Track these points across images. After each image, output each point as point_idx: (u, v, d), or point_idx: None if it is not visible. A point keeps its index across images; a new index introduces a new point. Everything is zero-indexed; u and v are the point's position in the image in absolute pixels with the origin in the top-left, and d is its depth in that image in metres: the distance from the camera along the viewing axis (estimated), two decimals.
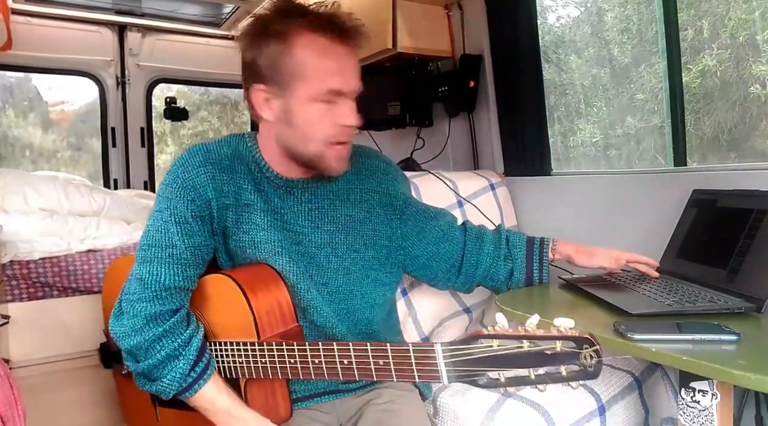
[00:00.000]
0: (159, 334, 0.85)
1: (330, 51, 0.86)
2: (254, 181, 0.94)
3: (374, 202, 1.02)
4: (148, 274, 0.87)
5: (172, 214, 0.88)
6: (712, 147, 2.00)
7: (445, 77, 2.09)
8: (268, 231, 0.94)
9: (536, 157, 1.86)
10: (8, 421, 0.89)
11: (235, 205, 0.92)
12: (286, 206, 0.95)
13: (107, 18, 2.62)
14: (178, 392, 0.86)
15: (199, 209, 0.90)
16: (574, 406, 1.11)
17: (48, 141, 3.13)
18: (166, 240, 0.88)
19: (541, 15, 2.21)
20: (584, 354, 0.62)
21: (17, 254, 1.59)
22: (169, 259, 0.87)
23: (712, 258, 1.11)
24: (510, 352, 0.64)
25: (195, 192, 0.89)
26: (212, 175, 0.90)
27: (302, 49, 0.86)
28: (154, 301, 0.86)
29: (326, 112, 0.88)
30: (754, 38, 1.85)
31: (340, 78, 0.87)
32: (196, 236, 0.89)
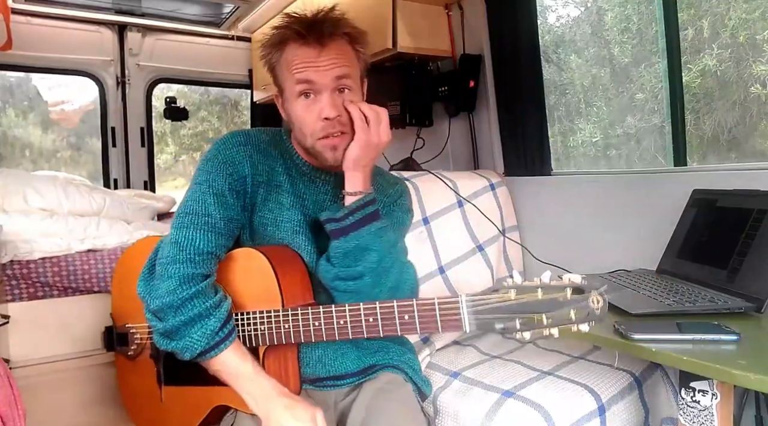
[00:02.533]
0: (192, 294, 0.90)
1: (301, 48, 0.94)
2: (285, 165, 1.03)
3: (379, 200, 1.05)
4: (184, 238, 0.93)
5: (210, 186, 0.96)
6: (712, 147, 2.00)
7: (445, 77, 2.10)
8: (291, 211, 1.01)
9: (536, 157, 1.86)
10: (8, 421, 0.89)
11: (267, 183, 1.01)
12: (309, 192, 1.04)
13: (107, 18, 2.62)
14: (204, 349, 0.89)
15: (236, 183, 0.98)
16: (574, 406, 1.11)
17: (48, 141, 3.13)
18: (203, 209, 0.95)
19: (541, 15, 2.21)
20: (592, 298, 0.70)
21: (17, 254, 1.59)
22: (204, 227, 0.94)
23: (712, 258, 1.11)
24: (525, 301, 0.72)
25: (233, 167, 0.98)
26: (250, 154, 1.00)
27: (286, 54, 0.95)
28: (188, 264, 0.91)
29: (308, 108, 0.95)
30: (754, 38, 1.85)
31: (308, 71, 0.93)
32: (230, 209, 0.97)
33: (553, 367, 1.29)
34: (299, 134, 0.98)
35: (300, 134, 0.98)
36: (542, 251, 1.78)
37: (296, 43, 0.94)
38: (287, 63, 0.95)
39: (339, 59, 0.94)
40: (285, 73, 0.96)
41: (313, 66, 0.93)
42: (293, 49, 0.94)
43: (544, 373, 1.25)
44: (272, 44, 0.97)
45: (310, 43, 0.93)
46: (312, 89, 0.94)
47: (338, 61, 0.94)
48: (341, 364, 1.04)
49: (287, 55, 0.95)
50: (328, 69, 0.93)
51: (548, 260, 1.69)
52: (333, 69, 0.93)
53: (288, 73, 0.95)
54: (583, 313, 0.71)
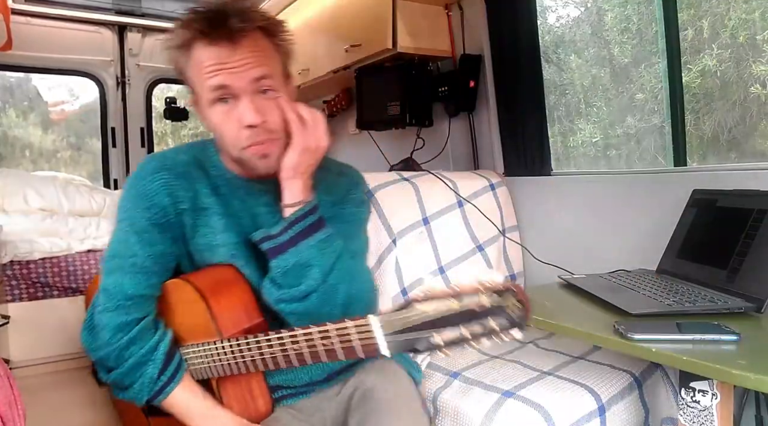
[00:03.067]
0: (125, 342, 0.87)
1: (209, 48, 0.82)
2: (212, 185, 0.93)
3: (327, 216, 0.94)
4: (112, 284, 0.88)
5: (131, 224, 0.89)
6: (712, 147, 2.00)
7: (445, 77, 2.10)
8: (224, 234, 0.93)
9: (536, 157, 1.86)
10: (8, 421, 0.89)
11: (192, 209, 0.92)
12: (246, 207, 0.94)
13: (107, 18, 2.63)
14: (150, 398, 0.87)
15: (156, 216, 0.89)
16: (574, 406, 1.11)
17: (48, 141, 3.13)
18: (128, 250, 0.89)
19: (541, 15, 2.21)
20: (509, 306, 0.62)
21: (17, 254, 1.59)
22: (131, 269, 0.88)
23: (712, 258, 1.11)
24: (443, 315, 0.64)
25: (150, 200, 0.89)
26: (167, 181, 0.90)
27: (194, 55, 0.84)
28: (119, 311, 0.87)
29: (226, 115, 0.84)
30: (754, 38, 1.85)
31: (221, 74, 0.81)
32: (156, 244, 0.90)
33: (553, 367, 1.29)
34: (222, 144, 0.88)
35: (222, 144, 0.88)
36: (542, 251, 1.78)
37: (203, 43, 0.82)
38: (197, 66, 0.83)
39: (255, 57, 0.82)
40: (196, 76, 0.84)
41: (227, 68, 0.81)
42: (200, 49, 0.82)
43: (544, 373, 1.25)
44: (177, 46, 0.84)
45: (219, 42, 0.81)
46: (228, 94, 0.83)
47: (255, 60, 0.82)
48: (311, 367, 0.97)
49: (195, 56, 0.83)
50: (244, 70, 0.81)
51: (548, 260, 1.69)
52: (249, 70, 0.82)
53: (200, 76, 0.83)
54: (506, 322, 0.63)
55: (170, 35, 0.85)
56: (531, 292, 1.17)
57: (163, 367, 0.87)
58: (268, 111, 0.84)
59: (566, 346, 1.41)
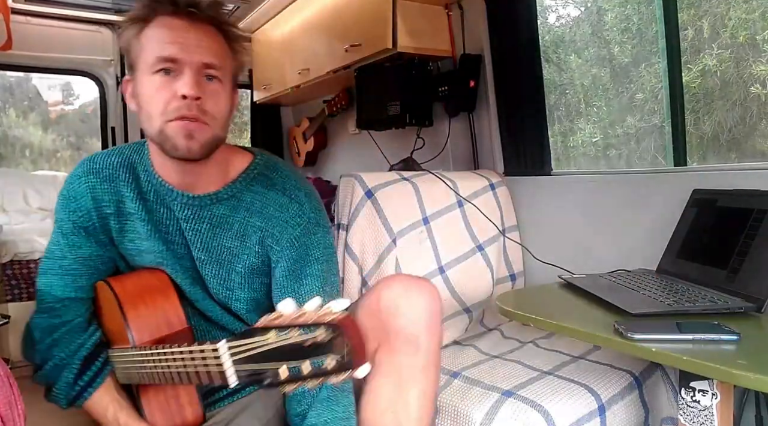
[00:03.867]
0: (49, 343, 0.88)
1: (169, 23, 0.81)
2: (139, 190, 0.91)
3: (255, 239, 0.91)
4: (43, 285, 0.90)
5: (60, 227, 0.91)
6: (712, 147, 2.00)
7: (445, 77, 2.09)
8: (150, 241, 0.91)
9: (536, 157, 1.87)
10: (8, 421, 0.89)
11: (117, 213, 0.91)
12: (169, 218, 0.91)
13: (107, 18, 2.63)
14: (69, 402, 0.89)
15: (81, 220, 0.90)
16: (574, 406, 1.11)
17: (48, 141, 3.13)
18: (58, 252, 0.90)
19: (541, 15, 2.21)
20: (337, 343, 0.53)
21: (17, 254, 1.59)
22: (59, 271, 0.90)
23: (712, 258, 1.11)
24: (279, 345, 0.54)
25: (75, 203, 0.90)
26: (92, 185, 0.90)
27: (148, 29, 0.82)
28: (48, 313, 0.89)
29: (164, 85, 0.80)
30: (754, 38, 1.85)
31: (171, 45, 0.80)
32: (82, 247, 0.91)
33: (553, 367, 1.29)
34: (146, 120, 0.82)
35: (147, 118, 0.82)
36: (542, 251, 1.78)
37: (164, 16, 0.81)
38: (149, 37, 0.81)
39: (210, 45, 0.82)
40: (144, 47, 0.81)
41: (181, 41, 0.80)
42: (160, 22, 0.81)
43: (544, 373, 1.25)
44: (135, 17, 0.83)
45: (182, 17, 0.81)
46: (173, 66, 0.80)
47: (209, 47, 0.81)
48: None
49: (152, 27, 0.82)
50: (197, 50, 0.80)
51: (548, 260, 1.69)
52: (202, 52, 0.81)
53: (148, 46, 0.81)
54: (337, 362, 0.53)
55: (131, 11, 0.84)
56: (531, 292, 1.17)
57: (80, 372, 0.88)
58: (207, 92, 0.81)
59: (566, 346, 1.41)
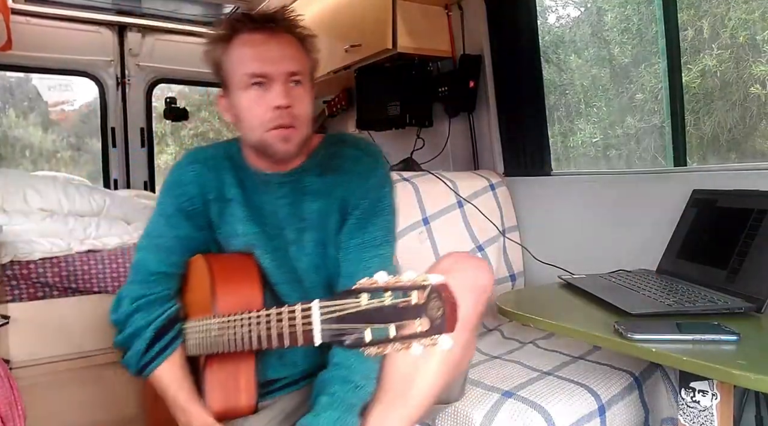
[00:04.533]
0: (131, 311, 0.96)
1: (252, 40, 0.91)
2: (237, 177, 1.00)
3: (337, 194, 0.98)
4: (138, 260, 1.00)
5: (162, 209, 1.01)
6: (712, 147, 2.00)
7: (445, 77, 2.09)
8: (245, 224, 0.99)
9: (536, 157, 1.86)
10: (8, 421, 0.90)
11: (218, 199, 1.00)
12: (265, 201, 1.00)
13: (107, 18, 2.62)
14: (137, 370, 0.95)
15: (185, 204, 0.99)
16: (574, 406, 1.11)
17: (48, 141, 3.13)
18: (156, 230, 1.00)
19: (541, 15, 2.21)
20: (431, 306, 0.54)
21: (17, 254, 1.59)
22: (155, 248, 0.99)
23: (712, 258, 1.11)
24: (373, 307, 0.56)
25: (181, 188, 0.99)
26: (199, 172, 1.00)
27: (234, 47, 0.92)
28: (140, 285, 0.98)
29: (259, 98, 0.91)
30: (754, 38, 1.85)
31: (260, 62, 0.90)
32: (180, 228, 0.99)
33: (553, 367, 1.29)
34: (247, 130, 0.94)
35: (248, 129, 0.93)
36: (542, 251, 1.78)
37: (247, 34, 0.91)
38: (238, 54, 0.91)
39: (292, 53, 0.92)
40: (235, 65, 0.92)
41: (267, 56, 0.90)
42: (244, 39, 0.91)
43: (544, 373, 1.25)
44: (219, 38, 0.93)
45: (263, 32, 0.91)
46: (264, 80, 0.90)
47: (291, 56, 0.92)
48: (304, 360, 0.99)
49: (237, 45, 0.92)
50: (281, 62, 0.90)
51: (548, 260, 1.69)
52: (286, 62, 0.91)
53: (239, 64, 0.91)
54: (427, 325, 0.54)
55: (213, 30, 0.95)
56: (531, 293, 1.17)
57: (150, 343, 0.94)
58: (296, 99, 0.91)
59: (566, 346, 1.41)
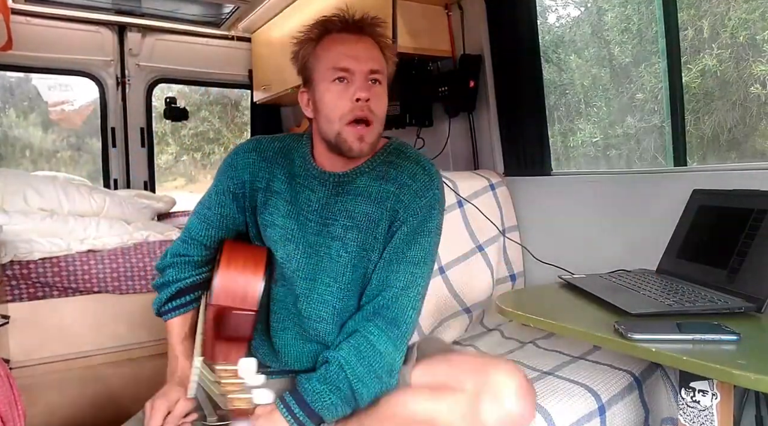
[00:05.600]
0: (168, 263, 1.09)
1: (339, 38, 0.99)
2: (291, 173, 1.06)
3: (388, 204, 1.02)
4: (188, 222, 1.12)
5: (215, 185, 1.09)
6: (712, 147, 2.00)
7: (445, 77, 2.09)
8: (286, 218, 1.04)
9: (536, 157, 1.86)
10: (8, 421, 0.90)
11: (266, 189, 1.06)
12: (316, 197, 1.04)
13: (107, 18, 2.62)
14: (157, 313, 1.09)
15: (234, 186, 1.07)
16: (574, 406, 1.11)
17: (48, 141, 3.13)
18: (207, 203, 1.09)
19: (541, 15, 2.22)
20: None
21: (17, 254, 1.59)
22: (201, 217, 1.09)
23: (712, 258, 1.11)
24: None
25: (235, 172, 1.07)
26: (253, 161, 1.06)
27: (323, 44, 1.00)
28: (183, 244, 1.09)
29: (342, 92, 0.97)
30: (754, 38, 1.86)
31: (346, 58, 0.97)
32: (225, 207, 1.08)
33: (553, 367, 1.29)
34: (325, 122, 0.99)
35: (326, 121, 0.99)
36: (542, 251, 1.78)
37: (336, 33, 0.99)
38: (325, 51, 0.99)
39: (375, 54, 1.00)
40: (321, 61, 0.99)
41: (353, 54, 0.97)
42: (333, 37, 0.99)
43: (544, 373, 1.25)
44: (310, 37, 1.01)
45: (351, 33, 0.99)
46: (347, 75, 0.97)
47: (373, 56, 0.99)
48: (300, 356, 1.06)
49: (325, 43, 0.99)
50: (365, 60, 0.98)
51: (548, 260, 1.69)
52: (369, 61, 0.98)
53: (325, 60, 0.98)
54: None
55: (303, 30, 1.03)
56: (531, 292, 1.17)
57: (170, 298, 1.07)
58: (375, 96, 0.98)
59: (566, 346, 1.41)
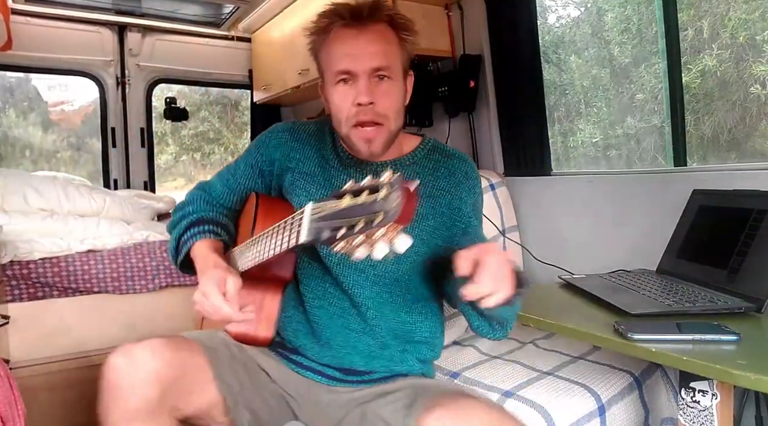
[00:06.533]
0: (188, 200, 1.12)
1: (341, 35, 0.94)
2: (324, 156, 1.05)
3: (443, 201, 1.01)
4: (211, 182, 1.14)
5: (246, 156, 1.12)
6: (712, 147, 2.00)
7: (445, 77, 2.09)
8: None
9: (536, 157, 1.86)
10: (8, 421, 0.90)
11: (296, 170, 1.05)
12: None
13: (107, 18, 2.62)
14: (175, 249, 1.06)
15: (263, 163, 1.08)
16: (574, 406, 1.11)
17: (48, 141, 3.13)
18: (233, 170, 1.12)
19: (541, 15, 2.21)
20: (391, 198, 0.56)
21: (17, 254, 1.59)
22: (224, 181, 1.12)
23: (712, 258, 1.11)
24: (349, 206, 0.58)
25: (266, 149, 1.08)
26: (285, 141, 1.07)
27: (328, 42, 0.96)
28: (202, 194, 1.12)
29: (345, 94, 0.94)
30: (754, 38, 1.85)
31: (346, 58, 0.93)
32: (251, 180, 1.10)
33: (553, 367, 1.29)
34: (335, 123, 0.98)
35: (336, 122, 0.97)
36: (542, 251, 1.78)
37: (341, 28, 0.94)
38: (329, 50, 0.95)
39: (381, 48, 0.93)
40: (326, 59, 0.96)
41: (352, 53, 0.92)
42: (337, 34, 0.95)
43: (544, 373, 1.25)
44: (317, 31, 0.98)
45: (350, 25, 0.94)
46: (349, 76, 0.93)
47: (376, 51, 0.92)
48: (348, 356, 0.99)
49: (330, 41, 0.96)
50: (366, 59, 0.92)
51: (548, 260, 1.69)
52: (371, 58, 0.92)
53: (328, 58, 0.96)
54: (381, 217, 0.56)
55: (313, 21, 0.99)
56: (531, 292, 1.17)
57: (189, 226, 1.04)
58: (380, 95, 0.93)
59: (566, 346, 1.41)
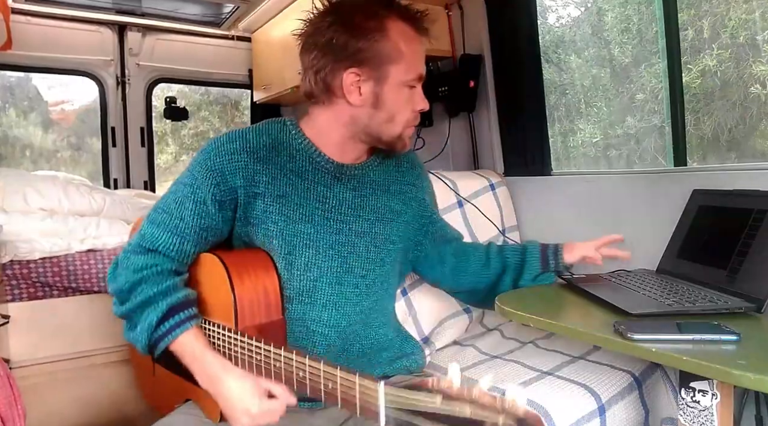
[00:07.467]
0: (137, 280, 0.88)
1: (416, 39, 0.94)
2: (293, 170, 0.94)
3: (411, 195, 1.07)
4: (151, 234, 0.91)
5: (193, 192, 0.91)
6: (712, 147, 2.00)
7: (445, 77, 2.09)
8: (298, 223, 0.92)
9: (536, 157, 1.86)
10: (8, 421, 0.90)
11: (265, 194, 0.92)
12: (332, 194, 0.96)
13: (107, 18, 2.62)
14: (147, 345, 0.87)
15: (222, 194, 0.91)
16: (574, 406, 1.11)
17: (48, 141, 3.13)
18: (179, 212, 0.91)
19: (541, 15, 2.21)
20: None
21: (17, 254, 1.59)
22: (173, 230, 0.90)
23: (712, 258, 1.11)
24: (450, 414, 0.58)
25: (222, 177, 0.90)
26: (245, 164, 0.91)
27: (398, 36, 0.91)
28: (146, 257, 0.90)
29: (410, 98, 0.95)
30: (754, 38, 1.86)
31: (422, 64, 0.95)
32: (208, 218, 0.91)
33: (553, 367, 1.29)
34: (385, 122, 0.94)
35: (387, 122, 0.94)
36: None
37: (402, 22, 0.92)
38: (405, 47, 0.91)
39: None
40: (397, 57, 0.91)
41: (423, 58, 0.96)
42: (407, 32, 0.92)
43: (544, 373, 1.25)
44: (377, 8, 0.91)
45: (417, 28, 0.94)
46: (419, 81, 0.95)
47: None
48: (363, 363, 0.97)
49: (402, 36, 0.91)
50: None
51: None
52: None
53: (406, 61, 0.91)
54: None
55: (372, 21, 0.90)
56: (531, 292, 1.17)
57: (163, 317, 0.85)
58: None
59: (566, 346, 1.41)
